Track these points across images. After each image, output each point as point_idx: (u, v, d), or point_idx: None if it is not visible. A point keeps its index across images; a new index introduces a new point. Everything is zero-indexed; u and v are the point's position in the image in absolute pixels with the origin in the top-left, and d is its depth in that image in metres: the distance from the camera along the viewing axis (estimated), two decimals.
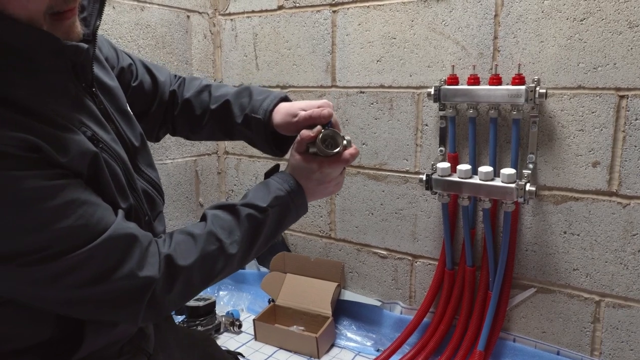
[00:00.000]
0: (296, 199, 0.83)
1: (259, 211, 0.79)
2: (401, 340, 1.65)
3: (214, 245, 0.75)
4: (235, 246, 0.76)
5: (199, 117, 1.03)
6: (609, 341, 1.44)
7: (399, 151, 1.70)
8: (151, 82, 1.01)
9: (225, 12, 2.05)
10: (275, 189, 0.82)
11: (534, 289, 1.53)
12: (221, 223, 0.77)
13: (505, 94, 1.39)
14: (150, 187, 0.85)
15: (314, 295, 1.84)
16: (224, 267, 0.77)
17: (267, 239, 0.82)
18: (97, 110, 0.76)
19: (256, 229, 0.79)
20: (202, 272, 0.74)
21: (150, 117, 1.02)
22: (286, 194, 0.82)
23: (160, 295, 0.70)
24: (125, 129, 0.82)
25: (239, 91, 1.01)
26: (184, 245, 0.74)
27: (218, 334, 1.82)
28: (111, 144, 0.74)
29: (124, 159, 0.77)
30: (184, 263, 0.72)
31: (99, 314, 0.70)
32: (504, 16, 1.44)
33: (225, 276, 0.79)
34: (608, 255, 1.40)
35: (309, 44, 1.84)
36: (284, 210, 0.82)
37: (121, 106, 0.84)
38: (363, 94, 1.74)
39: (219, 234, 0.76)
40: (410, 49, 1.61)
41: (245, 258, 0.80)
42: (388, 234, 1.78)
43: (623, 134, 1.33)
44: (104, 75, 0.84)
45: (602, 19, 1.31)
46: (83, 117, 0.71)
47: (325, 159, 0.83)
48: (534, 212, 1.49)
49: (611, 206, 1.37)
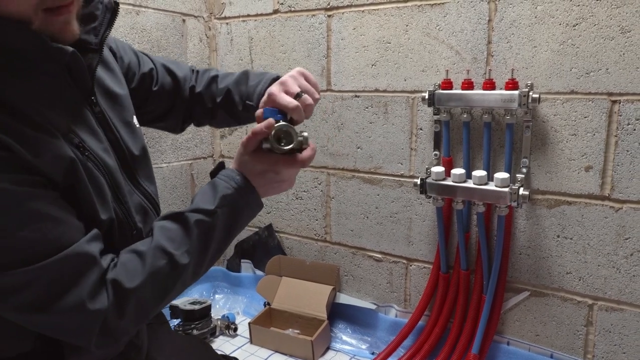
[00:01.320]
0: (246, 196, 0.77)
1: (207, 215, 0.74)
2: (396, 343, 1.66)
3: (162, 259, 0.70)
4: (187, 256, 0.72)
5: (211, 110, 1.04)
6: (602, 344, 1.44)
7: (394, 155, 1.70)
8: (171, 81, 1.03)
9: (221, 16, 2.05)
10: (223, 188, 0.75)
11: (527, 293, 1.53)
12: (168, 234, 0.72)
13: (499, 98, 1.40)
14: (146, 200, 0.84)
15: (309, 298, 1.85)
16: (178, 280, 0.72)
17: (222, 241, 0.77)
18: (94, 118, 0.75)
19: (207, 234, 0.74)
20: (154, 290, 0.70)
21: (174, 113, 1.05)
22: (234, 192, 0.75)
23: (112, 323, 0.67)
24: (126, 139, 0.81)
25: (238, 78, 1.01)
26: (130, 265, 0.70)
27: (214, 338, 1.83)
28: (100, 154, 0.73)
29: (112, 170, 0.76)
30: (131, 285, 0.67)
31: (53, 336, 0.68)
32: (498, 21, 1.45)
33: (182, 289, 0.75)
34: (601, 259, 1.41)
35: (304, 48, 1.85)
36: (235, 209, 0.76)
37: (126, 117, 0.84)
38: (358, 98, 1.75)
39: (167, 246, 0.71)
40: (405, 53, 1.62)
41: (200, 266, 0.75)
42: (383, 237, 1.78)
43: (615, 139, 1.34)
44: (112, 83, 0.84)
45: (595, 25, 1.32)
46: (74, 124, 0.71)
47: (279, 157, 0.76)
48: (527, 216, 1.50)
49: (604, 210, 1.38)
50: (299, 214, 1.99)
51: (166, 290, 0.72)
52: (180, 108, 1.05)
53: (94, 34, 0.75)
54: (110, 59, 0.89)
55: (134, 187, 0.82)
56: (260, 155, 0.77)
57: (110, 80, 0.84)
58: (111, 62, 0.89)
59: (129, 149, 0.82)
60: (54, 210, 0.64)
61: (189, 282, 0.75)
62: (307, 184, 1.94)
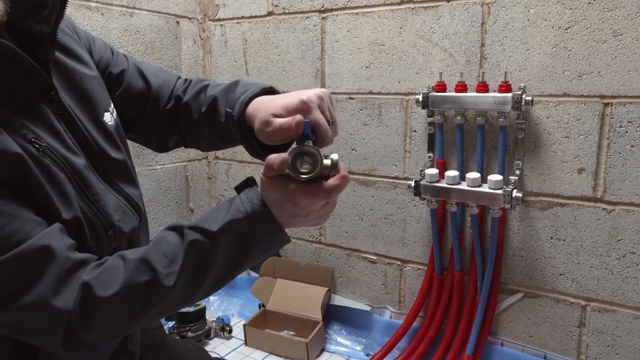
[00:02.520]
0: (261, 226, 0.65)
1: (206, 237, 0.64)
2: (391, 344, 1.67)
3: (145, 275, 0.63)
4: (173, 278, 0.63)
5: (196, 122, 0.90)
6: (594, 345, 1.45)
7: (388, 157, 1.71)
8: (143, 86, 0.93)
9: (215, 18, 2.05)
10: (234, 211, 0.65)
11: (521, 294, 1.54)
12: (165, 248, 0.65)
13: (492, 101, 1.41)
14: (124, 200, 0.80)
15: (304, 300, 1.85)
16: (158, 302, 0.64)
17: (225, 272, 0.66)
18: (54, 114, 0.71)
19: (203, 260, 0.64)
20: (128, 305, 0.63)
21: (145, 123, 0.94)
22: (245, 218, 0.64)
23: (77, 331, 0.62)
24: (97, 138, 0.77)
25: (228, 86, 0.86)
26: (111, 272, 0.64)
27: (208, 340, 1.83)
28: (60, 150, 0.69)
29: (76, 167, 0.71)
30: (103, 294, 0.62)
31: (17, 336, 0.65)
32: (491, 24, 1.45)
33: (165, 311, 0.67)
34: (593, 261, 1.42)
35: (298, 50, 1.85)
36: (244, 238, 0.65)
37: (96, 115, 0.79)
38: (352, 100, 1.75)
39: (155, 262, 0.64)
40: (399, 55, 1.63)
41: (192, 292, 0.66)
42: (377, 239, 1.79)
43: (608, 141, 1.35)
44: (82, 80, 0.79)
45: (587, 28, 1.33)
46: (28, 120, 0.66)
47: (298, 185, 0.62)
48: (521, 218, 1.51)
49: (596, 212, 1.39)
50: None
51: (143, 309, 0.64)
52: (156, 120, 0.94)
53: (46, 22, 0.69)
54: (79, 51, 0.83)
55: (109, 186, 0.78)
56: (277, 180, 0.63)
57: (79, 75, 0.78)
58: (82, 55, 0.82)
59: (100, 148, 0.77)
60: (3, 206, 0.60)
61: (176, 305, 0.67)
62: None
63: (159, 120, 0.94)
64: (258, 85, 0.82)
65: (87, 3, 1.63)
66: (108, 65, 0.90)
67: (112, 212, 0.76)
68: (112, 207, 0.76)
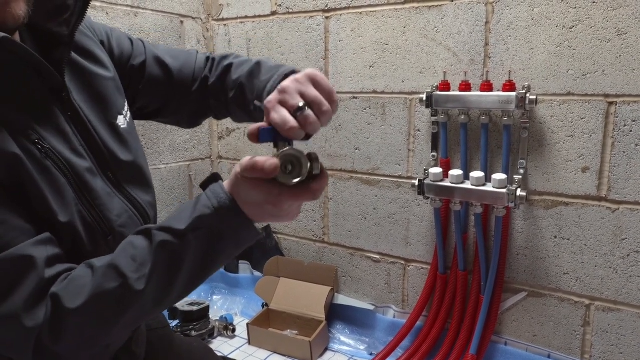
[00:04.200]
0: (229, 220, 0.62)
1: (175, 236, 0.62)
2: (394, 344, 1.67)
3: (114, 282, 0.61)
4: (144, 281, 0.61)
5: (227, 105, 0.92)
6: (599, 344, 1.45)
7: (392, 156, 1.71)
8: (162, 74, 0.92)
9: (219, 18, 2.06)
10: (201, 207, 0.63)
11: (525, 293, 1.54)
12: (133, 253, 0.63)
13: (496, 100, 1.41)
14: (132, 207, 0.79)
15: (307, 299, 1.85)
16: (131, 307, 0.61)
17: (196, 271, 0.64)
18: (63, 116, 0.71)
19: (174, 260, 0.62)
20: (99, 314, 0.61)
21: (175, 108, 0.95)
22: (213, 213, 0.62)
23: (47, 345, 0.59)
24: (107, 141, 0.76)
25: (251, 70, 0.87)
26: (79, 282, 0.61)
27: (212, 339, 1.83)
28: (63, 152, 0.68)
29: (79, 170, 0.70)
30: (71, 305, 0.59)
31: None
32: (495, 23, 1.46)
33: (140, 316, 0.65)
34: (598, 260, 1.42)
35: (302, 49, 1.85)
36: (213, 234, 0.62)
37: (109, 118, 0.79)
38: (356, 99, 1.76)
39: (124, 267, 0.61)
40: (403, 55, 1.63)
41: (165, 294, 0.64)
42: (381, 238, 1.79)
43: (612, 140, 1.35)
44: (97, 82, 0.79)
45: (591, 27, 1.33)
46: (35, 121, 0.66)
47: (284, 188, 0.60)
48: (525, 217, 1.50)
49: (600, 211, 1.39)
50: None
51: (115, 316, 0.62)
52: (186, 102, 0.95)
53: (66, 25, 0.70)
54: (97, 53, 0.82)
55: (117, 191, 0.77)
56: (260, 182, 0.60)
57: (95, 77, 0.78)
58: (100, 56, 0.82)
59: (110, 151, 0.76)
60: None
61: (151, 309, 0.64)
62: None
63: (189, 103, 0.95)
64: (280, 72, 0.81)
65: (92, 3, 1.63)
66: (130, 58, 0.90)
67: (115, 217, 0.75)
68: (116, 212, 0.75)
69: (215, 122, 2.16)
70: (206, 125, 2.14)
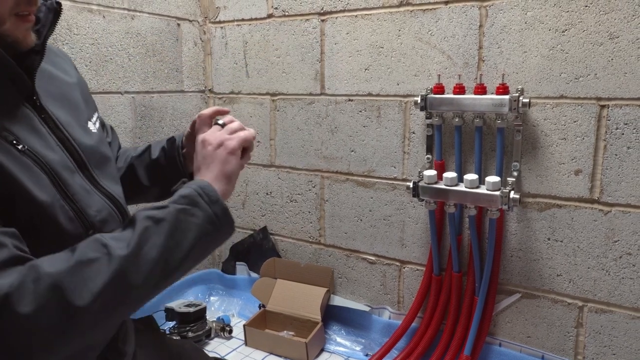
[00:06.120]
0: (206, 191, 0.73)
1: (158, 209, 0.70)
2: (389, 344, 1.68)
3: (97, 252, 0.63)
4: (125, 248, 0.64)
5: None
6: (592, 346, 1.46)
7: (387, 158, 1.72)
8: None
9: (216, 20, 2.07)
10: (180, 191, 0.74)
11: (519, 295, 1.55)
12: (114, 235, 0.67)
13: (490, 103, 1.42)
14: (109, 201, 0.83)
15: (303, 300, 1.86)
16: (111, 274, 0.61)
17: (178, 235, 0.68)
18: (37, 118, 0.75)
19: (154, 228, 0.67)
20: (78, 277, 0.60)
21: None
22: (192, 190, 0.73)
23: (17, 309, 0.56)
24: (78, 139, 0.81)
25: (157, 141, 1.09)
26: (59, 256, 0.63)
27: (209, 340, 1.84)
28: (40, 151, 0.72)
29: (56, 167, 0.74)
30: (51, 270, 0.59)
31: None
32: (489, 27, 1.47)
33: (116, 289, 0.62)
34: (590, 261, 1.43)
35: (298, 52, 1.86)
36: (192, 203, 0.71)
37: (79, 121, 0.85)
38: (351, 101, 1.77)
39: (106, 240, 0.65)
40: (398, 58, 1.64)
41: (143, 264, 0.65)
42: (377, 240, 1.80)
43: (604, 143, 1.36)
44: (66, 87, 0.86)
45: (584, 31, 1.34)
46: (9, 123, 0.70)
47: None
48: (518, 219, 1.52)
49: (593, 213, 1.40)
50: (294, 217, 2.00)
51: (92, 282, 0.60)
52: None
53: (37, 35, 0.76)
54: (65, 66, 0.91)
55: (94, 188, 0.81)
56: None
57: (62, 83, 0.86)
58: (67, 68, 0.91)
59: (84, 149, 0.81)
60: None
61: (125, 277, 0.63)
62: (301, 187, 1.95)
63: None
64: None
65: (88, 6, 1.64)
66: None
67: (95, 213, 0.79)
68: (95, 208, 0.79)
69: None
70: None
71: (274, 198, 2.04)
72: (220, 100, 2.12)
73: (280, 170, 2.00)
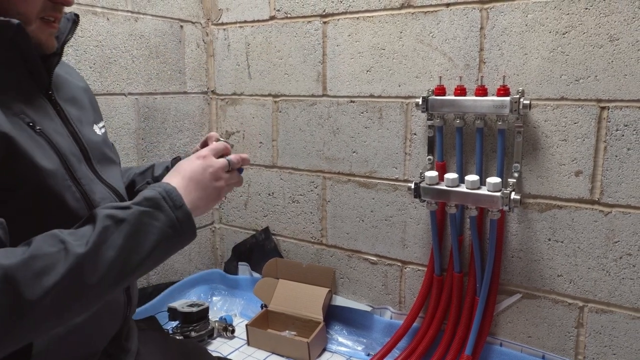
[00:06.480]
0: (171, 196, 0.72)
1: (121, 209, 0.69)
2: (391, 344, 1.69)
3: (54, 247, 0.61)
4: (83, 246, 0.63)
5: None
6: (592, 346, 1.47)
7: (389, 159, 1.73)
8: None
9: (218, 22, 2.08)
10: (145, 192, 0.72)
11: (519, 295, 1.56)
12: (73, 230, 0.66)
13: (491, 104, 1.43)
14: (112, 193, 0.87)
15: (305, 300, 1.87)
16: (67, 270, 0.60)
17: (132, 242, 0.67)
18: (52, 110, 0.81)
19: (114, 228, 0.66)
20: (32, 271, 0.59)
21: None
22: (157, 193, 0.72)
23: None
24: (85, 135, 0.86)
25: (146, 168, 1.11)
26: (15, 249, 0.62)
27: (211, 339, 1.85)
28: (54, 136, 0.77)
29: (67, 152, 0.78)
30: (4, 261, 0.57)
31: None
32: (489, 29, 1.48)
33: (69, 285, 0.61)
34: (591, 262, 1.44)
35: (300, 53, 1.87)
36: (155, 206, 0.70)
37: (87, 120, 0.90)
38: (353, 103, 1.78)
39: (65, 236, 0.63)
40: (399, 59, 1.65)
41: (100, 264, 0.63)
42: (378, 240, 1.81)
43: (604, 144, 1.37)
44: (76, 90, 0.92)
45: (584, 33, 1.35)
46: (28, 109, 0.75)
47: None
48: (519, 220, 1.53)
49: (593, 214, 1.41)
50: (296, 217, 2.02)
51: (47, 277, 0.59)
52: None
53: (57, 40, 0.83)
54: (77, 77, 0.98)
55: (96, 177, 0.85)
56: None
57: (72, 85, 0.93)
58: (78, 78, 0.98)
59: (89, 143, 0.86)
60: None
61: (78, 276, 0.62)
62: (303, 188, 1.97)
63: None
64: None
65: (92, 8, 1.66)
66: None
67: (99, 199, 0.82)
68: (99, 195, 0.82)
69: (215, 125, 2.19)
70: (205, 128, 2.16)
71: (276, 199, 2.06)
72: (223, 101, 2.13)
73: (283, 171, 2.01)
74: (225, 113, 2.14)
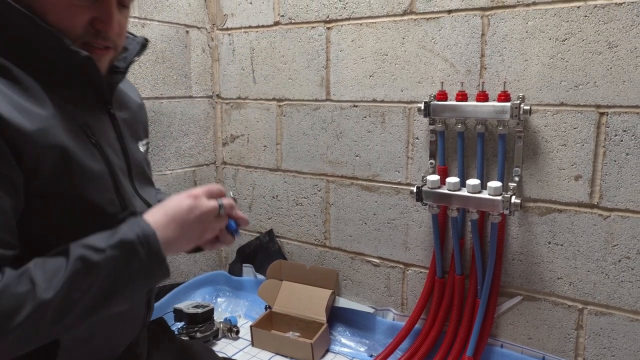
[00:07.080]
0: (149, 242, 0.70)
1: (94, 251, 0.66)
2: (393, 346, 1.71)
3: (24, 286, 0.62)
4: (51, 291, 0.62)
5: None
6: (591, 347, 1.49)
7: (391, 163, 1.76)
8: None
9: (223, 27, 2.11)
10: (123, 232, 0.69)
11: (520, 297, 1.58)
12: (47, 265, 0.65)
13: (492, 110, 1.45)
14: (147, 208, 0.85)
15: (309, 302, 1.90)
16: (31, 313, 0.61)
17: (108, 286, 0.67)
18: (110, 123, 0.85)
19: (85, 273, 0.65)
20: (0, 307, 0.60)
21: None
22: (135, 237, 0.69)
23: None
24: (131, 151, 0.89)
25: None
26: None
27: (216, 340, 1.88)
28: (106, 149, 0.80)
29: (116, 167, 0.81)
30: None
31: None
32: (490, 35, 1.50)
33: (32, 327, 0.62)
34: (590, 265, 1.46)
35: (304, 58, 1.90)
36: (129, 254, 0.68)
37: (134, 136, 0.93)
38: (356, 107, 1.80)
39: (36, 276, 0.63)
40: (402, 65, 1.67)
41: (66, 308, 0.64)
42: (381, 243, 1.83)
43: (603, 149, 1.39)
44: (131, 104, 0.97)
45: (583, 40, 1.37)
46: (90, 120, 0.79)
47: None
48: (519, 223, 1.55)
49: (592, 218, 1.43)
50: (299, 220, 2.04)
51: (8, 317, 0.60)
52: None
53: (124, 60, 0.88)
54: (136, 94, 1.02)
55: (136, 194, 0.88)
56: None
57: (127, 103, 0.96)
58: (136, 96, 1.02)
59: (133, 160, 0.89)
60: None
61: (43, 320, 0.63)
62: (307, 191, 1.99)
63: None
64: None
65: None
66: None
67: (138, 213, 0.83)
68: (138, 209, 0.85)
69: (220, 129, 2.22)
70: (210, 132, 2.19)
71: (280, 201, 2.08)
72: (228, 105, 2.16)
73: (287, 174, 2.04)
74: (230, 117, 2.17)
